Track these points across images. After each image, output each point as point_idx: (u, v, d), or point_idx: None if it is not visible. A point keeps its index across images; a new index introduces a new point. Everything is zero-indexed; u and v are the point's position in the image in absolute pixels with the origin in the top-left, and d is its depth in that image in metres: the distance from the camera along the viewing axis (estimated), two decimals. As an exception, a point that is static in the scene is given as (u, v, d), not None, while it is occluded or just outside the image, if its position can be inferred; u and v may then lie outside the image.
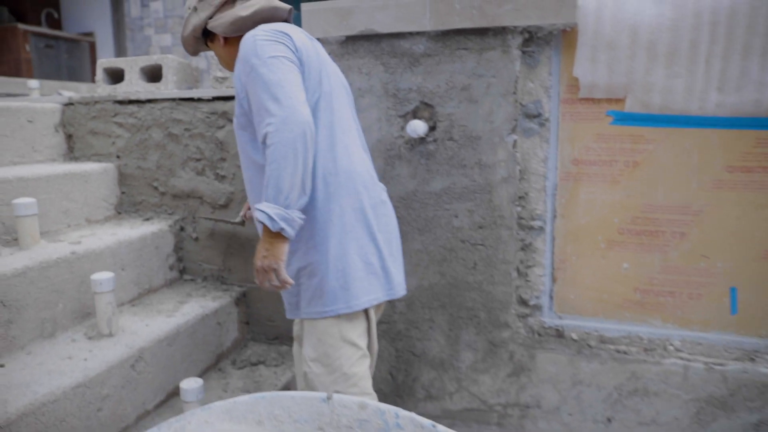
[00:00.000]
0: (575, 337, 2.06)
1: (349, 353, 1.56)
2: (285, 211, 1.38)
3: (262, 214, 1.37)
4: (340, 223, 1.54)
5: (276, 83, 1.40)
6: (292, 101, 1.38)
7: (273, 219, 1.37)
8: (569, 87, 1.97)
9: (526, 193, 2.06)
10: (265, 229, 1.41)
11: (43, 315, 1.91)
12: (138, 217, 2.56)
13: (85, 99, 2.57)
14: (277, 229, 1.38)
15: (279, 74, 1.41)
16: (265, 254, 1.44)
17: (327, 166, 1.53)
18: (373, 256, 1.58)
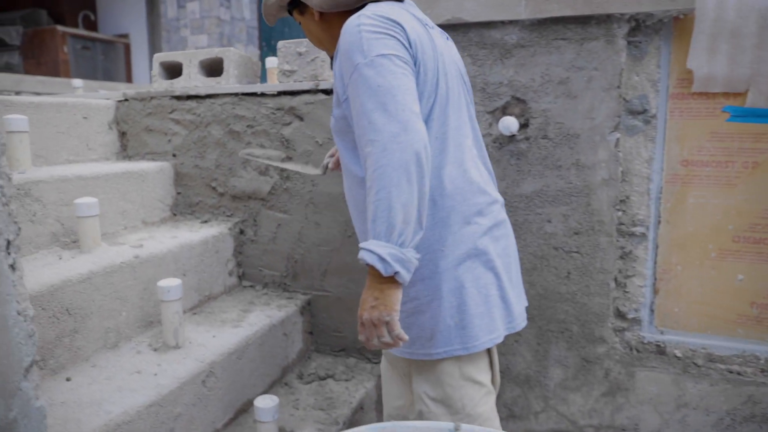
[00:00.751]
0: (679, 355, 1.86)
1: (471, 393, 1.33)
2: (399, 250, 1.10)
3: (371, 255, 1.10)
4: (452, 252, 1.29)
5: (386, 90, 1.13)
6: (405, 114, 1.12)
7: (385, 261, 1.09)
8: (679, 80, 1.77)
9: (627, 196, 1.85)
10: (373, 273, 1.14)
11: (107, 324, 1.74)
12: (194, 219, 2.39)
13: (141, 95, 2.41)
14: (391, 273, 1.11)
15: (390, 78, 1.14)
16: (373, 304, 1.15)
17: (435, 185, 1.27)
18: (492, 287, 1.32)
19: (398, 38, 1.20)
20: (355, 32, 1.20)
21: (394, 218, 1.09)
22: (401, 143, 1.09)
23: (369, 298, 1.16)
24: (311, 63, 2.19)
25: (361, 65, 1.16)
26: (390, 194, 1.09)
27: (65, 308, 1.60)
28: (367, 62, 1.15)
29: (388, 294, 1.14)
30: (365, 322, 1.17)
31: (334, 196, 2.17)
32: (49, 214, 1.87)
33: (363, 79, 1.15)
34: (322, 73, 2.18)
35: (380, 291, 1.14)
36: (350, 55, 1.19)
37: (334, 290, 2.24)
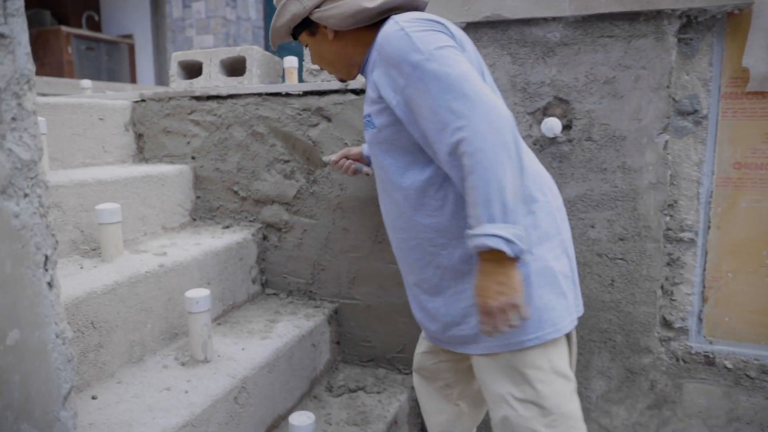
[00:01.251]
0: (729, 366, 1.76)
1: (562, 388, 1.24)
2: (519, 228, 1.07)
3: (496, 239, 1.05)
4: (536, 231, 1.25)
5: (459, 77, 1.10)
6: (485, 95, 1.08)
7: (512, 242, 1.05)
8: (732, 79, 1.67)
9: (675, 201, 1.76)
10: (491, 258, 1.09)
11: (132, 337, 1.63)
12: (215, 224, 2.28)
13: (158, 95, 2.30)
14: (518, 253, 1.07)
15: (456, 66, 1.11)
16: (499, 289, 1.09)
17: None
18: (566, 267, 1.30)
19: (446, 34, 1.19)
20: (400, 36, 1.17)
21: (506, 196, 1.05)
22: (493, 122, 1.06)
23: (492, 284, 1.10)
24: (339, 62, 2.08)
25: (422, 62, 1.13)
26: (497, 175, 1.05)
27: (90, 321, 1.49)
28: (427, 57, 1.13)
29: (513, 276, 1.09)
30: (493, 310, 1.11)
31: (364, 200, 2.06)
32: (69, 221, 1.76)
33: (429, 74, 1.12)
34: (351, 73, 2.08)
35: (504, 275, 1.09)
36: (404, 57, 1.15)
37: (362, 298, 2.14)
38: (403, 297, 2.07)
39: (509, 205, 1.05)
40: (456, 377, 1.56)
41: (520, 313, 1.11)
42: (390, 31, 1.19)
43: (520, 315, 1.11)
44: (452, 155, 1.11)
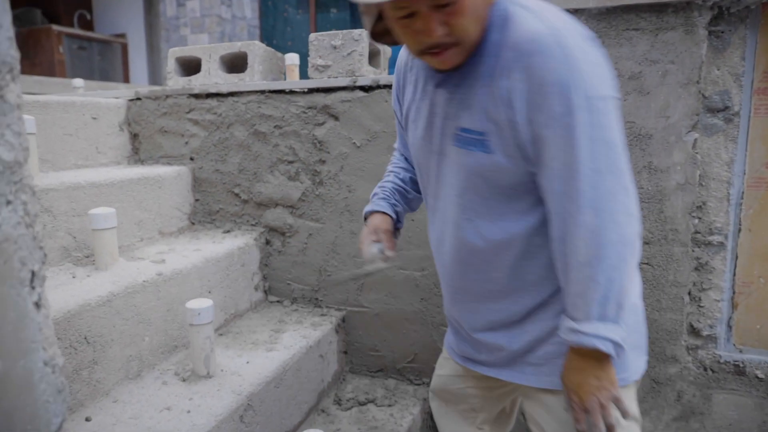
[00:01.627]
0: (761, 376, 1.66)
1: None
2: (625, 330, 0.98)
3: (607, 342, 0.95)
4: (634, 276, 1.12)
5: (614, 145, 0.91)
6: (628, 180, 0.93)
7: (619, 345, 0.97)
8: (766, 74, 1.57)
9: (703, 202, 1.66)
10: (592, 355, 0.99)
11: (129, 352, 1.51)
12: (215, 228, 2.15)
13: (155, 93, 2.17)
14: (620, 353, 0.98)
15: (616, 133, 0.92)
16: (598, 384, 0.99)
17: None
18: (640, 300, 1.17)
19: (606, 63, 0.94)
20: (561, 57, 0.87)
21: (624, 298, 0.96)
22: (631, 216, 0.93)
23: (590, 378, 1.00)
24: (347, 57, 1.97)
25: (582, 108, 0.88)
26: (622, 274, 0.94)
27: (83, 336, 1.37)
28: (590, 106, 0.88)
29: (609, 370, 1.00)
30: (592, 407, 1.00)
31: (372, 203, 1.95)
32: (60, 227, 1.63)
33: (585, 128, 0.88)
34: (360, 68, 1.96)
35: (602, 369, 1.00)
36: (561, 90, 0.88)
37: (371, 306, 2.02)
38: (415, 304, 1.96)
39: (624, 307, 0.96)
40: (483, 402, 1.42)
41: (622, 409, 1.01)
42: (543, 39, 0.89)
43: (622, 410, 1.01)
44: (566, 228, 0.95)
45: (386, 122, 1.88)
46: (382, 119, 1.89)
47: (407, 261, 1.95)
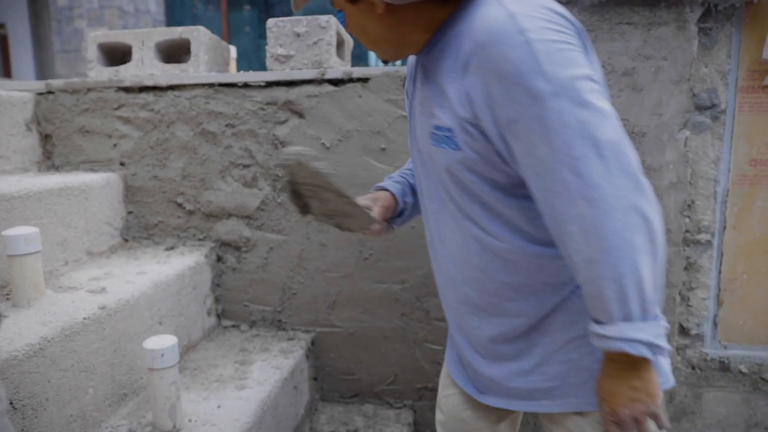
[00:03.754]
0: (745, 370, 1.64)
1: None
2: (660, 324, 0.81)
3: (635, 344, 0.79)
4: None
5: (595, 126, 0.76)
6: (627, 158, 0.77)
7: (654, 345, 0.79)
8: (750, 72, 1.54)
9: (692, 201, 1.60)
10: (626, 360, 0.83)
11: (69, 411, 1.15)
12: (154, 245, 1.78)
13: (73, 86, 1.76)
14: (660, 354, 0.81)
15: (594, 111, 0.77)
16: (634, 395, 0.84)
17: None
18: None
19: (577, 44, 0.82)
20: (519, 44, 0.77)
21: (646, 290, 0.78)
22: (632, 197, 0.77)
23: (624, 389, 0.84)
24: (313, 47, 1.70)
25: (547, 94, 0.77)
26: (635, 264, 0.77)
27: (8, 402, 1.00)
28: (555, 90, 0.77)
29: (649, 379, 0.83)
30: (626, 419, 0.85)
31: (344, 210, 1.70)
32: (-40, 254, 1.22)
33: (555, 114, 0.77)
34: (328, 59, 1.70)
35: (639, 378, 0.83)
36: (522, 81, 0.78)
37: (344, 325, 1.77)
38: (395, 320, 1.74)
39: (648, 298, 0.79)
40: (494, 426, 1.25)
41: (660, 425, 0.86)
42: (503, 29, 0.79)
43: (659, 425, 0.86)
44: (561, 227, 0.81)
45: (360, 120, 1.64)
46: (356, 117, 1.64)
47: (385, 274, 1.72)
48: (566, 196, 0.79)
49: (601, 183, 0.76)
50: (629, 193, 0.76)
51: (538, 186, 0.83)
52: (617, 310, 0.79)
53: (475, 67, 0.82)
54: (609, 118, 0.78)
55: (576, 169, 0.77)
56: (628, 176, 0.77)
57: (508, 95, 0.80)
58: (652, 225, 0.78)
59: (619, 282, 0.78)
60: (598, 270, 0.79)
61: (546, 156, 0.79)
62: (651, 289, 0.79)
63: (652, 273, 0.79)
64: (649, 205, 0.78)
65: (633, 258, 0.77)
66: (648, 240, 0.78)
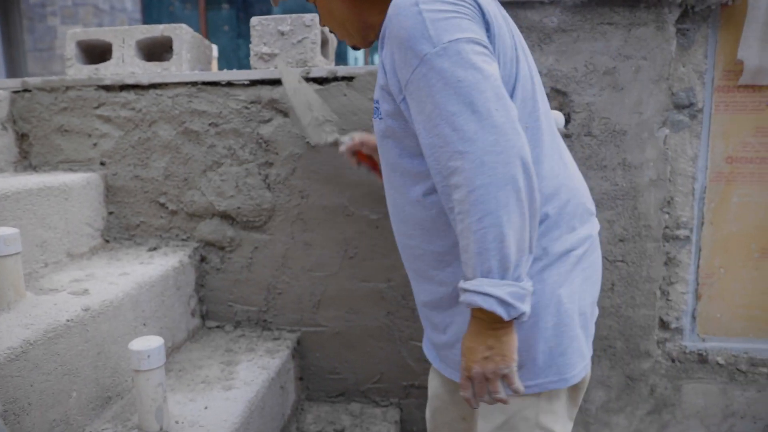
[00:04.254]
0: (722, 362, 1.68)
1: None
2: (519, 286, 0.84)
3: (487, 298, 0.83)
4: (552, 263, 0.98)
5: (470, 85, 0.83)
6: (500, 114, 0.82)
7: (508, 304, 0.83)
8: (725, 72, 1.58)
9: (672, 197, 1.64)
10: (483, 317, 0.86)
11: (52, 415, 1.12)
12: (136, 245, 1.75)
13: (51, 84, 1.72)
14: (515, 315, 0.84)
15: (471, 70, 0.83)
16: (487, 354, 0.87)
17: None
18: (585, 304, 1.03)
19: (470, 14, 0.89)
20: (413, 13, 0.87)
21: (508, 248, 0.82)
22: (501, 153, 0.81)
23: (480, 347, 0.88)
24: (297, 45, 1.69)
25: (431, 56, 0.85)
26: (499, 219, 0.81)
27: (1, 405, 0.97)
28: (438, 51, 0.84)
29: (505, 341, 0.87)
30: (476, 376, 0.89)
31: (330, 209, 1.70)
32: (-64, 256, 1.18)
33: (435, 73, 0.84)
34: (313, 58, 1.69)
35: (495, 338, 0.87)
36: (411, 44, 0.87)
37: (330, 324, 1.77)
38: (380, 319, 1.74)
39: (511, 258, 0.82)
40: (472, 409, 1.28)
41: (512, 388, 0.89)
42: (403, 3, 0.88)
43: (513, 387, 0.89)
44: (446, 180, 0.86)
45: (346, 118, 1.64)
46: (342, 115, 1.64)
47: (371, 272, 1.72)
48: (446, 150, 0.84)
49: (474, 138, 0.81)
50: (499, 149, 0.81)
51: (426, 142, 0.88)
52: (478, 264, 0.83)
53: (385, 38, 0.93)
54: (488, 79, 0.83)
55: (453, 123, 0.82)
56: (499, 134, 0.81)
57: (403, 58, 0.88)
58: (519, 183, 0.81)
59: (482, 236, 0.81)
60: (466, 222, 0.83)
61: (431, 112, 0.85)
62: (514, 249, 0.82)
63: (518, 232, 0.82)
64: (520, 164, 0.82)
65: (497, 214, 0.81)
66: (516, 198, 0.81)
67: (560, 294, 0.98)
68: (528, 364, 0.97)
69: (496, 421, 1.03)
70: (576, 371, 1.00)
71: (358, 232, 1.70)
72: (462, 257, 0.87)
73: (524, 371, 0.96)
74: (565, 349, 0.98)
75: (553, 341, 0.97)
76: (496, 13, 0.95)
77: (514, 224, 0.81)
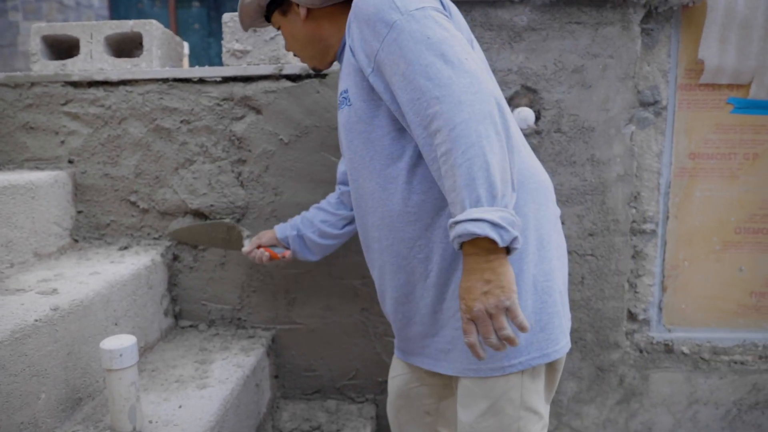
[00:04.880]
0: (686, 351, 1.74)
1: (527, 426, 1.04)
2: (509, 212, 0.85)
3: (480, 223, 0.82)
4: (535, 236, 1.02)
5: (439, 40, 0.90)
6: (469, 63, 0.88)
7: (500, 227, 0.83)
8: (687, 71, 1.64)
9: (638, 192, 1.69)
10: (476, 251, 0.86)
11: (20, 418, 1.09)
12: (106, 245, 1.72)
13: (15, 79, 1.67)
14: (509, 240, 0.84)
15: (438, 30, 0.91)
16: (486, 288, 0.85)
17: None
18: (561, 281, 1.07)
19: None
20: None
21: (494, 176, 0.85)
22: (477, 93, 0.86)
23: (477, 283, 0.86)
24: (270, 42, 1.68)
25: (400, 21, 0.92)
26: (483, 149, 0.84)
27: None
28: (407, 17, 0.92)
29: (503, 272, 0.86)
30: (478, 314, 0.86)
31: (304, 206, 1.69)
32: None
33: (407, 34, 0.91)
34: (286, 55, 1.69)
35: (492, 270, 0.86)
36: (380, 16, 0.94)
37: (305, 322, 1.76)
38: (355, 315, 1.75)
39: (497, 185, 0.84)
40: (436, 404, 1.29)
41: (516, 322, 0.86)
42: None
43: (518, 320, 0.86)
44: (427, 130, 0.90)
45: (319, 115, 1.64)
46: (314, 112, 1.64)
47: (345, 269, 1.73)
48: (423, 99, 0.89)
49: (448, 83, 0.86)
50: (474, 89, 0.86)
51: (404, 100, 0.92)
52: (467, 196, 0.85)
53: (352, 23, 1.01)
54: (455, 37, 0.91)
55: (428, 74, 0.88)
56: (472, 77, 0.87)
57: (372, 31, 0.95)
58: (496, 119, 0.86)
59: (468, 167, 0.84)
60: (452, 159, 0.86)
61: (405, 70, 0.91)
62: (498, 177, 0.85)
63: (500, 162, 0.85)
64: (494, 102, 0.87)
65: (480, 144, 0.84)
66: (495, 132, 0.86)
67: (536, 273, 1.02)
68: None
69: (480, 408, 1.03)
70: (558, 346, 1.03)
71: (332, 229, 1.70)
72: (449, 199, 0.88)
73: (507, 350, 0.96)
74: (545, 325, 1.02)
75: (533, 318, 1.00)
76: (453, 8, 1.04)
77: (496, 154, 0.85)
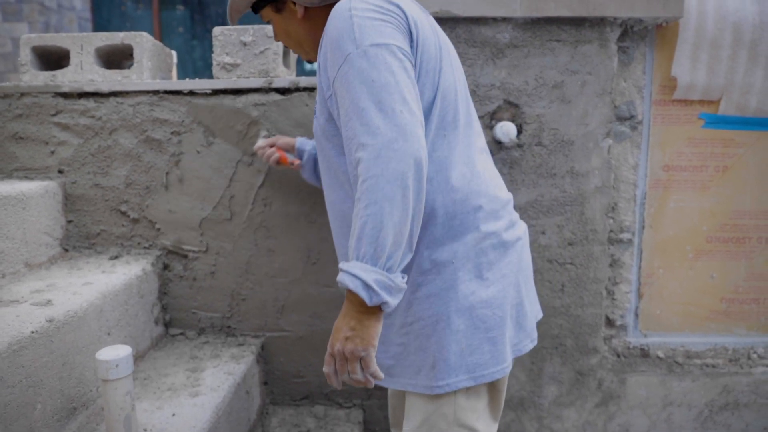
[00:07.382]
0: (661, 355, 1.82)
1: None
2: (387, 276, 0.90)
3: (354, 279, 0.89)
4: (463, 266, 1.05)
5: (381, 86, 0.92)
6: (403, 116, 0.90)
7: (371, 289, 0.89)
8: (661, 87, 1.72)
9: (615, 203, 1.76)
10: (352, 300, 0.93)
11: (16, 428, 1.12)
12: (97, 254, 1.75)
13: (4, 90, 1.69)
14: (377, 302, 0.91)
15: (385, 73, 0.93)
16: (348, 334, 0.93)
17: (443, 188, 1.04)
18: (506, 305, 1.09)
19: (396, 24, 0.99)
20: (345, 17, 0.97)
21: (385, 239, 0.89)
22: (398, 150, 0.89)
23: (344, 327, 0.94)
24: (260, 56, 1.72)
25: (353, 56, 0.94)
26: (382, 210, 0.88)
27: (-43, 420, 0.98)
28: (360, 52, 0.94)
29: (367, 326, 0.93)
30: (337, 354, 0.95)
31: (293, 216, 1.74)
32: None
33: (355, 71, 0.94)
34: (275, 69, 1.73)
35: (358, 321, 0.93)
36: (339, 43, 0.97)
37: (293, 329, 1.81)
38: (344, 322, 1.79)
39: (385, 249, 0.89)
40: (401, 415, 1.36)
41: (368, 371, 0.95)
42: (340, 7, 0.99)
43: (369, 371, 0.95)
44: (354, 170, 0.94)
45: (307, 128, 1.69)
46: (303, 125, 1.69)
47: (333, 277, 1.77)
48: (354, 141, 0.92)
49: (376, 132, 0.89)
50: (396, 147, 0.88)
51: (345, 134, 0.96)
52: (355, 248, 0.90)
53: (322, 42, 1.03)
54: (399, 83, 0.92)
55: (362, 118, 0.91)
56: (399, 132, 0.89)
57: (332, 56, 0.98)
58: (408, 182, 0.89)
59: (364, 223, 0.89)
60: (358, 208, 0.91)
61: (347, 106, 0.94)
62: (390, 240, 0.88)
63: (397, 225, 0.89)
64: (413, 164, 0.89)
65: (381, 204, 0.88)
66: (402, 195, 0.88)
67: (473, 300, 1.04)
68: (440, 364, 1.04)
69: (416, 420, 1.09)
70: (488, 371, 1.06)
71: (320, 239, 1.75)
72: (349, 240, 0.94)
73: (437, 370, 1.04)
74: (474, 350, 1.05)
75: (464, 342, 1.04)
76: (424, 25, 1.04)
77: (394, 217, 0.88)
